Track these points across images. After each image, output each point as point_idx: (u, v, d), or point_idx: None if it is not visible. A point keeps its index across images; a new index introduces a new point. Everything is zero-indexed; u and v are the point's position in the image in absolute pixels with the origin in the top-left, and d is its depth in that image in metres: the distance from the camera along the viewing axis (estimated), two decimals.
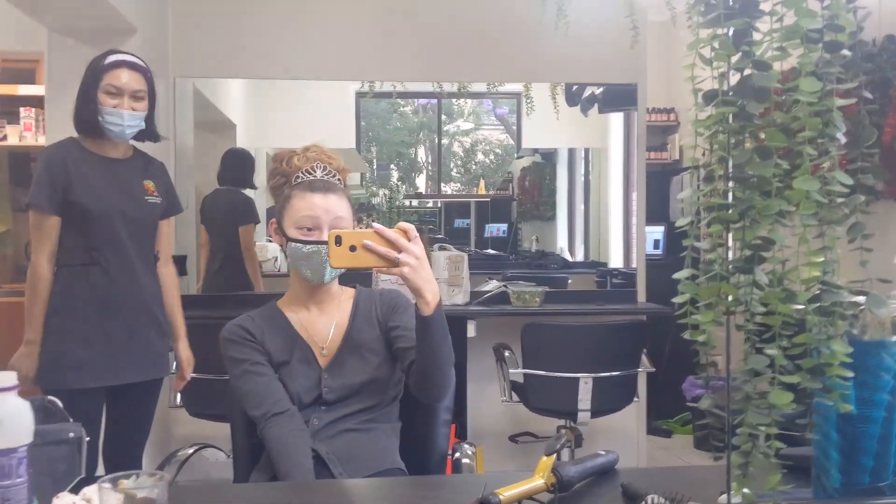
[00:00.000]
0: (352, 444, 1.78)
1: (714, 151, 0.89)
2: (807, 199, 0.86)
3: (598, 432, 4.01)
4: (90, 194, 2.51)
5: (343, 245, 1.52)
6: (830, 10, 0.88)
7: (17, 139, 4.82)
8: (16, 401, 1.03)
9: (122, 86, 2.52)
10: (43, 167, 2.51)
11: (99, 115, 2.51)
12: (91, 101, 2.51)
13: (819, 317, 0.89)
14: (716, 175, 0.89)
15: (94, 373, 2.51)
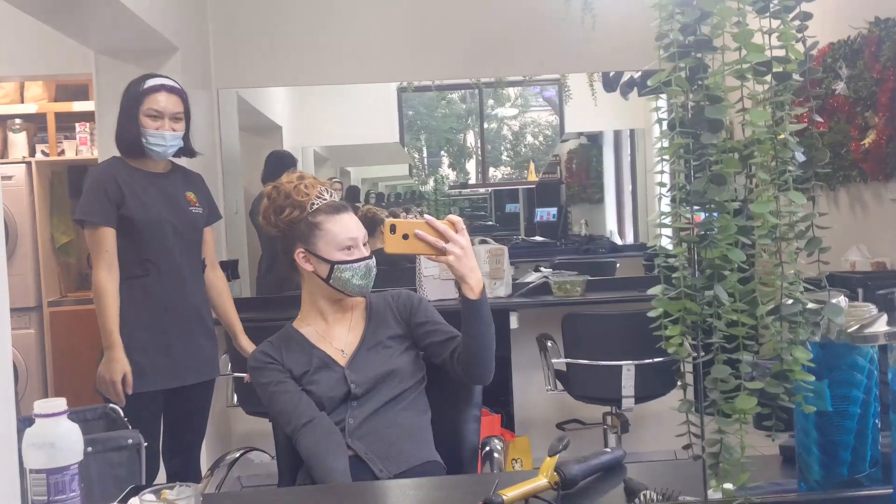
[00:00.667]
0: (388, 439, 1.89)
1: (675, 178, 0.96)
2: (763, 221, 0.92)
3: (645, 417, 4.06)
4: (140, 208, 2.64)
5: (397, 233, 1.70)
6: (781, 41, 0.94)
7: (73, 153, 5.04)
8: (67, 424, 1.16)
9: (162, 109, 2.65)
10: (93, 184, 2.64)
11: (142, 138, 2.64)
12: (133, 124, 2.65)
13: (779, 326, 0.95)
14: (678, 199, 0.96)
15: (153, 377, 2.64)
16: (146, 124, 2.64)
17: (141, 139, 2.64)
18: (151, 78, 2.71)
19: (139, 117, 2.64)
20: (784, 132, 0.94)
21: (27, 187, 4.89)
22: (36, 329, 4.90)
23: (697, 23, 0.93)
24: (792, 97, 0.95)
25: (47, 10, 2.92)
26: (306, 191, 1.96)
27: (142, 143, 2.64)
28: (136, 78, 2.72)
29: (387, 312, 2.02)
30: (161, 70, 3.48)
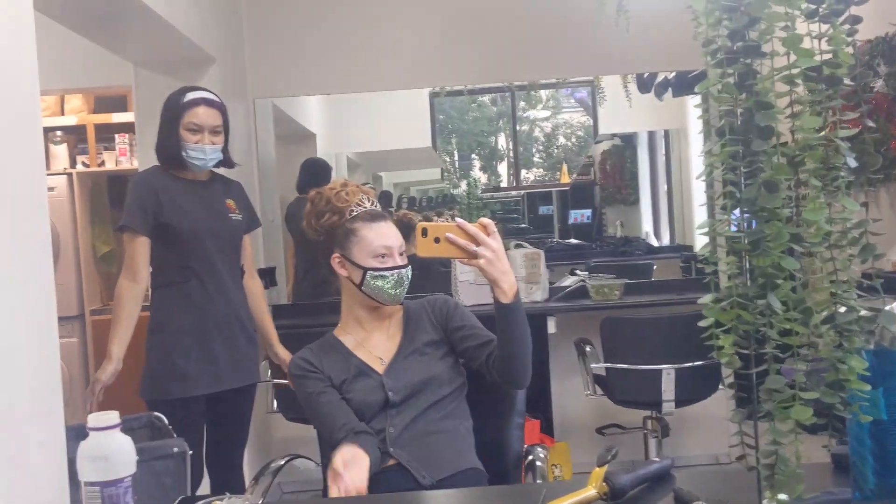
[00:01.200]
0: (430, 447, 1.89)
1: (726, 186, 0.95)
2: (816, 228, 0.91)
3: (686, 421, 4.02)
4: (180, 215, 2.67)
5: (429, 237, 1.71)
6: (831, 45, 0.93)
7: (113, 164, 5.12)
8: (120, 437, 1.18)
9: (201, 123, 2.68)
10: (134, 192, 2.69)
11: (182, 151, 2.67)
12: (173, 137, 2.68)
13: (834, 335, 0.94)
14: (728, 207, 0.95)
15: (195, 382, 2.68)
16: (186, 138, 2.67)
17: (181, 152, 2.68)
18: (191, 91, 2.74)
19: (179, 131, 2.68)
20: (835, 137, 0.92)
21: (68, 198, 4.98)
22: (79, 337, 4.98)
23: (745, 28, 0.92)
24: (842, 101, 0.94)
25: (88, 24, 2.96)
26: (346, 197, 1.98)
27: (182, 155, 2.68)
28: (176, 91, 2.75)
29: (423, 318, 2.02)
30: (198, 81, 3.52)
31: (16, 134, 1.76)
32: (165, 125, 2.72)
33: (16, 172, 1.75)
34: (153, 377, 2.70)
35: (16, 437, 1.65)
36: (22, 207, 1.76)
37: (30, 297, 1.78)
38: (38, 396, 1.79)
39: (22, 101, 1.79)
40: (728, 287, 0.96)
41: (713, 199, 0.98)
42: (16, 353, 1.70)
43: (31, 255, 1.79)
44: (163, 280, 2.71)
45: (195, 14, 3.26)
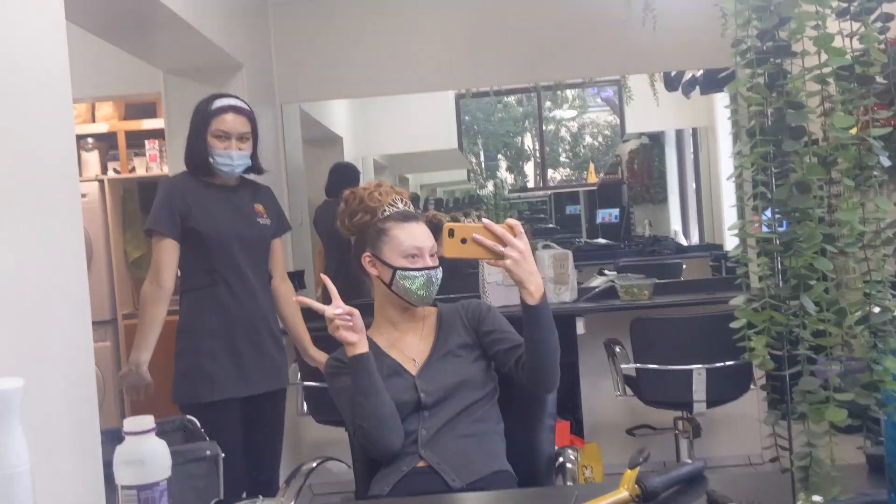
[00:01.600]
0: (461, 450, 1.89)
1: (757, 187, 0.95)
2: (849, 228, 0.90)
3: (717, 422, 3.99)
4: (209, 220, 2.70)
5: (455, 237, 1.71)
6: (863, 44, 0.92)
7: (144, 170, 5.18)
8: (155, 441, 1.19)
9: (229, 129, 2.70)
10: (163, 197, 2.71)
11: (210, 157, 2.70)
12: (202, 144, 2.71)
13: (868, 336, 0.93)
14: (759, 209, 0.94)
15: (223, 385, 2.69)
16: (214, 144, 2.69)
17: (209, 158, 2.70)
18: (219, 98, 2.75)
19: (207, 137, 2.70)
20: (868, 136, 0.91)
21: (100, 204, 5.04)
22: (111, 342, 5.04)
23: (775, 28, 0.91)
24: (874, 100, 0.93)
25: (119, 33, 3.00)
26: (379, 197, 2.00)
27: (210, 162, 2.70)
28: (205, 98, 2.77)
29: (457, 321, 2.03)
30: (227, 87, 3.56)
31: (50, 142, 1.79)
32: (194, 132, 2.74)
33: (50, 180, 1.78)
34: (182, 381, 2.72)
35: (52, 441, 1.68)
36: (56, 215, 1.79)
37: (65, 303, 1.81)
38: (74, 401, 1.82)
39: (55, 110, 1.82)
40: (760, 288, 0.96)
41: (744, 200, 0.98)
42: (52, 357, 1.73)
43: (66, 261, 1.82)
44: (191, 284, 2.74)
45: (223, 21, 3.30)
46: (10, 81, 1.64)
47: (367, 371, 1.85)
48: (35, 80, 1.74)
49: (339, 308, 1.83)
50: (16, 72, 1.67)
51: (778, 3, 0.90)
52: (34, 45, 1.75)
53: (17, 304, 1.61)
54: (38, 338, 1.67)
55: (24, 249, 1.64)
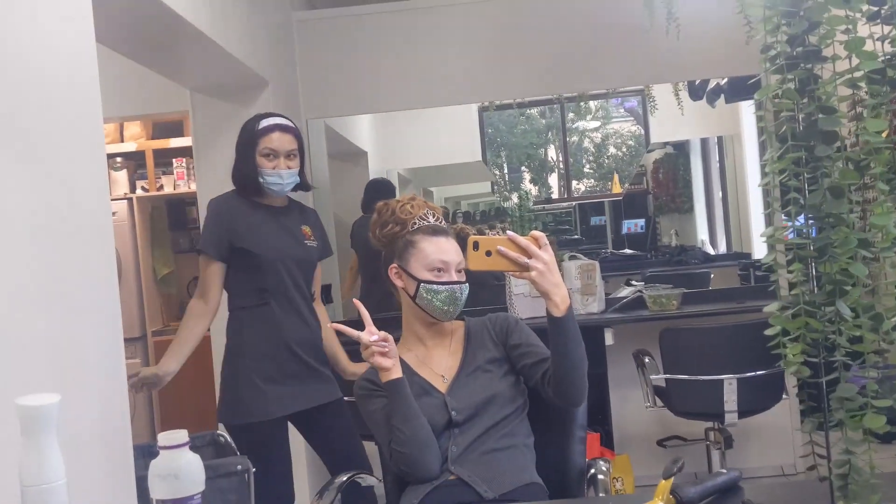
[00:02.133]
0: (491, 463, 1.88)
1: (789, 193, 0.94)
2: (884, 232, 0.89)
3: (749, 432, 3.95)
4: (259, 241, 2.66)
5: (480, 250, 1.71)
6: (893, 47, 0.92)
7: (172, 188, 5.24)
8: (189, 455, 1.20)
9: (276, 148, 2.68)
10: (213, 217, 2.70)
11: (259, 177, 2.68)
12: (250, 164, 2.69)
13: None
14: (792, 214, 0.94)
15: (274, 404, 2.65)
16: (262, 164, 2.68)
17: (258, 178, 2.69)
18: (265, 118, 2.74)
19: (255, 157, 2.68)
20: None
21: (129, 222, 5.10)
22: (141, 358, 5.08)
23: (805, 33, 0.90)
24: None
25: (147, 53, 3.04)
26: (411, 210, 2.00)
27: (259, 181, 2.69)
28: (251, 118, 2.77)
29: (484, 335, 2.02)
30: (253, 104, 3.59)
31: (81, 161, 1.81)
32: (241, 152, 2.73)
33: (82, 198, 1.80)
34: (232, 401, 2.69)
35: (86, 456, 1.69)
36: (89, 233, 1.82)
37: (98, 320, 1.83)
38: (107, 416, 1.84)
39: (87, 130, 1.85)
40: (795, 294, 0.95)
41: (775, 206, 0.97)
42: (86, 373, 1.75)
43: (99, 278, 1.85)
44: (239, 303, 2.72)
45: (249, 39, 3.33)
46: (43, 102, 1.67)
47: (403, 396, 1.85)
48: (67, 100, 1.77)
49: (374, 335, 1.84)
50: (48, 92, 1.70)
51: (807, 7, 0.90)
52: (66, 66, 1.78)
53: (52, 321, 1.63)
54: (71, 354, 1.69)
55: (58, 267, 1.67)
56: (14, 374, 1.48)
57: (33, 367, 1.55)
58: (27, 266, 1.56)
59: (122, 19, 2.56)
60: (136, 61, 3.10)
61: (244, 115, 3.57)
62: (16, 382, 1.46)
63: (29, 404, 1.11)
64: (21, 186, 1.56)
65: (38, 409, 1.11)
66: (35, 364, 1.56)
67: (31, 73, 1.63)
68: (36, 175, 1.62)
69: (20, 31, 1.60)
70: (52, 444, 1.11)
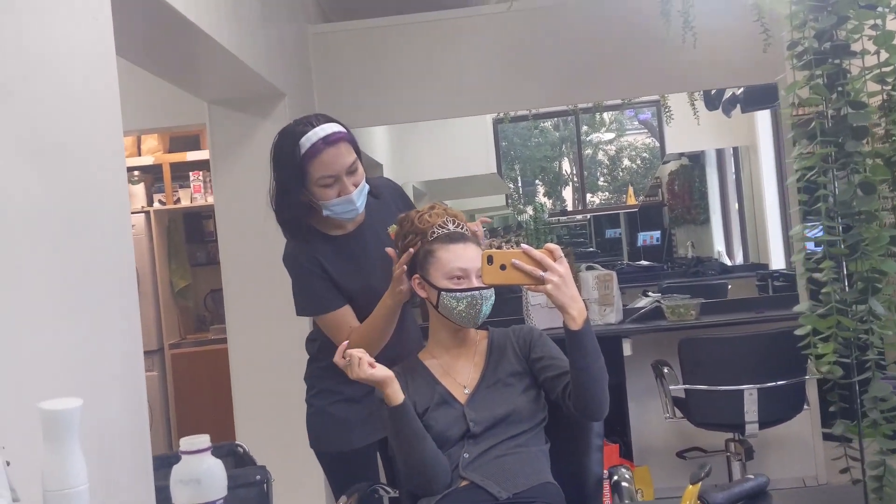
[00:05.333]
0: (503, 465, 1.87)
1: (819, 190, 0.93)
2: None
3: (770, 444, 3.90)
4: (346, 279, 2.24)
5: (494, 264, 1.70)
6: None
7: (189, 201, 5.26)
8: (211, 460, 1.20)
9: (336, 172, 2.10)
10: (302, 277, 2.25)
11: (325, 210, 2.15)
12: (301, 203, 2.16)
13: None
14: (823, 211, 0.92)
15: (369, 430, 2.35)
16: (323, 196, 2.12)
17: (322, 213, 2.16)
18: (303, 134, 2.12)
19: (311, 190, 2.13)
20: None
21: (146, 235, 5.12)
22: (158, 371, 5.09)
23: (833, 28, 0.90)
24: None
25: (167, 66, 3.05)
26: (429, 220, 1.99)
27: (325, 216, 2.18)
28: (284, 140, 2.17)
29: (507, 347, 2.00)
30: (269, 116, 3.60)
31: (102, 174, 1.82)
32: (287, 193, 2.15)
33: (104, 210, 1.81)
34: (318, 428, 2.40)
35: (106, 466, 1.69)
36: (109, 247, 1.82)
37: (118, 330, 1.83)
38: (127, 427, 1.84)
39: (108, 143, 1.85)
40: (826, 293, 0.93)
41: (802, 205, 0.96)
42: (106, 386, 1.75)
43: (119, 289, 1.85)
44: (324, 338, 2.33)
45: (266, 51, 3.34)
46: (65, 114, 1.68)
47: (407, 420, 1.84)
48: (88, 112, 1.77)
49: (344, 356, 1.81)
50: (70, 105, 1.70)
51: (835, 2, 0.89)
52: (87, 79, 1.79)
53: (74, 330, 1.63)
54: (92, 364, 1.69)
55: (80, 277, 1.67)
56: (36, 380, 1.48)
57: (55, 373, 1.55)
58: (49, 275, 1.56)
59: (142, 32, 2.57)
60: (156, 74, 3.12)
61: (261, 127, 3.61)
62: (38, 389, 1.46)
63: (52, 408, 1.11)
64: (44, 198, 1.57)
65: (61, 414, 1.11)
66: (57, 371, 1.56)
67: (53, 86, 1.64)
68: (58, 186, 1.62)
69: (42, 44, 1.61)
70: (74, 449, 1.11)
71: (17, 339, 1.42)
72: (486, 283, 1.73)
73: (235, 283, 3.64)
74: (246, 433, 3.60)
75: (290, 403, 3.63)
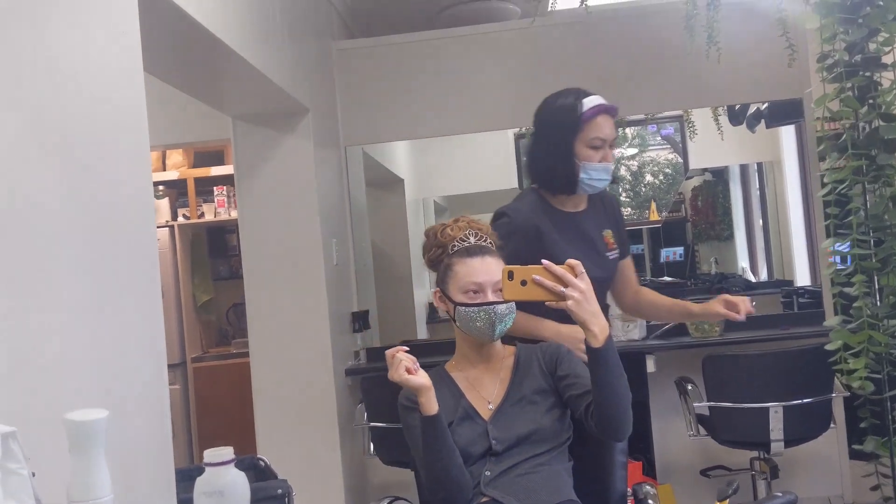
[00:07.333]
0: (526, 484, 1.85)
1: (851, 203, 0.92)
2: None
3: (796, 462, 3.85)
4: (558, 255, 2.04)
5: (515, 280, 1.70)
6: None
7: (212, 215, 5.30)
8: (234, 472, 1.20)
9: (606, 136, 2.21)
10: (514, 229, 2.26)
11: (581, 173, 2.20)
12: (569, 157, 2.20)
13: None
14: (854, 225, 0.91)
15: None
16: (587, 157, 2.19)
17: (578, 175, 2.21)
18: (588, 97, 2.24)
19: (576, 148, 2.20)
20: None
21: (170, 250, 5.16)
22: (181, 384, 5.11)
23: (864, 41, 0.89)
24: None
25: (192, 82, 3.09)
26: (451, 233, 1.99)
27: (578, 179, 2.21)
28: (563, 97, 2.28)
29: (533, 364, 1.99)
30: (293, 131, 3.62)
31: (129, 189, 1.83)
32: (556, 140, 2.23)
33: (130, 227, 1.82)
34: None
35: (129, 478, 1.69)
36: (135, 260, 1.83)
37: (142, 342, 1.84)
38: (151, 440, 1.84)
39: (134, 159, 1.87)
40: (857, 308, 0.92)
41: (833, 218, 0.95)
42: (130, 399, 1.75)
43: (144, 302, 1.86)
44: None
45: (290, 67, 3.37)
46: (93, 128, 1.69)
47: (439, 431, 1.82)
48: (115, 127, 1.79)
49: None
50: (98, 119, 1.71)
51: (866, 14, 0.88)
52: (114, 94, 1.80)
53: (99, 343, 1.64)
54: (117, 377, 1.70)
55: (105, 289, 1.68)
56: (62, 392, 1.48)
57: (80, 386, 1.56)
58: (75, 287, 1.57)
59: (169, 48, 2.60)
60: (181, 90, 3.16)
61: (284, 143, 3.63)
62: (64, 400, 1.46)
63: (77, 419, 1.11)
64: (70, 211, 1.58)
65: (87, 425, 1.11)
66: (82, 383, 1.57)
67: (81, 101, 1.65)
68: (85, 200, 1.63)
69: (71, 59, 1.62)
70: (99, 460, 1.11)
71: (43, 351, 1.43)
72: (507, 298, 1.73)
73: (258, 296, 3.66)
74: (267, 447, 3.60)
75: (311, 417, 3.65)
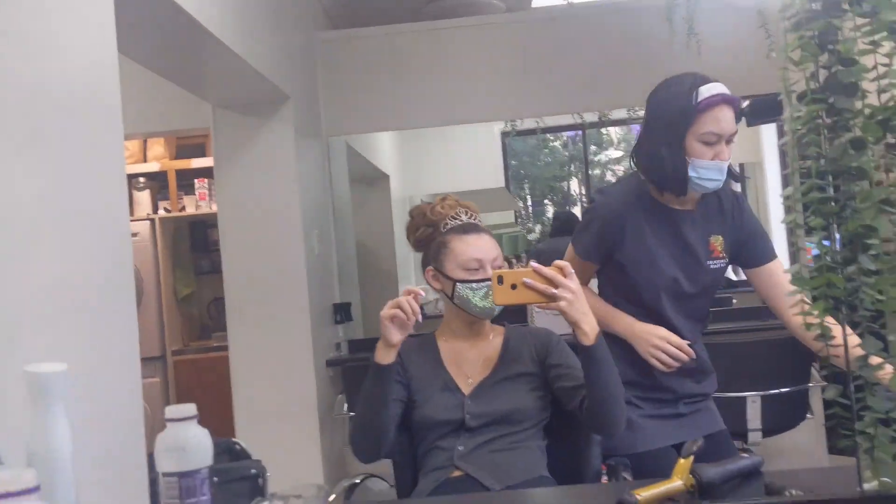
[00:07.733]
0: (500, 460, 1.86)
1: (810, 148, 0.92)
2: None
3: (774, 453, 3.86)
4: (639, 260, 2.04)
5: (505, 284, 1.70)
6: None
7: (193, 208, 5.28)
8: (196, 429, 1.18)
9: (721, 131, 1.92)
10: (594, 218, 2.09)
11: (691, 170, 1.93)
12: (678, 151, 1.94)
13: None
14: (813, 170, 0.91)
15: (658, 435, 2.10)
16: (698, 153, 1.92)
17: (689, 172, 1.93)
18: (704, 84, 1.95)
19: (687, 142, 1.93)
20: None
21: (151, 243, 5.13)
22: (161, 377, 5.08)
23: None
24: None
25: (171, 65, 3.06)
26: (441, 211, 1.99)
27: (688, 177, 1.94)
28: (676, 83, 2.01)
29: (523, 348, 1.99)
30: (274, 119, 3.61)
31: (103, 179, 1.81)
32: (665, 132, 1.97)
33: (101, 218, 1.79)
34: None
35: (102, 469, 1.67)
36: (107, 252, 1.81)
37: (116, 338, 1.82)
38: (123, 429, 1.83)
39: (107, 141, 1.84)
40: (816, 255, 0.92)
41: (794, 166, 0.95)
42: (102, 390, 1.73)
43: (117, 295, 1.84)
44: None
45: (272, 53, 3.36)
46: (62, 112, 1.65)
47: (385, 380, 1.83)
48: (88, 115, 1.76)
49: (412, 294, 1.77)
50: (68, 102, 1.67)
51: None
52: (86, 74, 1.77)
53: (72, 335, 1.62)
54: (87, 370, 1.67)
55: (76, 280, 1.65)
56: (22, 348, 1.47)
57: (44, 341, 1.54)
58: (45, 279, 1.55)
59: (146, 30, 2.57)
60: (161, 74, 3.13)
61: (265, 130, 3.62)
62: None
63: (37, 371, 1.10)
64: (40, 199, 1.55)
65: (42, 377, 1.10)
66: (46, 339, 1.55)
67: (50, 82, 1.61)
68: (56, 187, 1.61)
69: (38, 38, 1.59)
70: (58, 413, 1.10)
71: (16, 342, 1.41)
72: (499, 303, 1.74)
73: (237, 286, 3.64)
74: (246, 437, 3.56)
75: (291, 408, 3.63)
